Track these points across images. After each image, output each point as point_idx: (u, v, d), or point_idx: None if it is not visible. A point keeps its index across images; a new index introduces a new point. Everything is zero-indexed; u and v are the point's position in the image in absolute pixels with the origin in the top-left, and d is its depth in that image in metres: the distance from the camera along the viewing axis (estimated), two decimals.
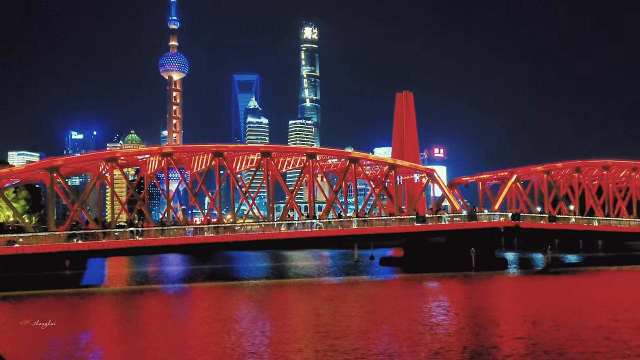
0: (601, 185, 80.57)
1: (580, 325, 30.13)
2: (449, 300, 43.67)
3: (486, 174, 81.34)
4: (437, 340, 26.53)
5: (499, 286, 52.83)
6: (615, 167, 78.75)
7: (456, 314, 35.33)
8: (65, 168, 62.54)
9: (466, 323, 31.38)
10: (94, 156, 71.25)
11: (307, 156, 66.27)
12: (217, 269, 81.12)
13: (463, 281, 55.00)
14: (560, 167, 76.63)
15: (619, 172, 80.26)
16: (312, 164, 66.02)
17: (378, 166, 74.03)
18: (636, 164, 79.83)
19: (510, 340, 26.47)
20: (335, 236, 63.98)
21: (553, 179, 76.04)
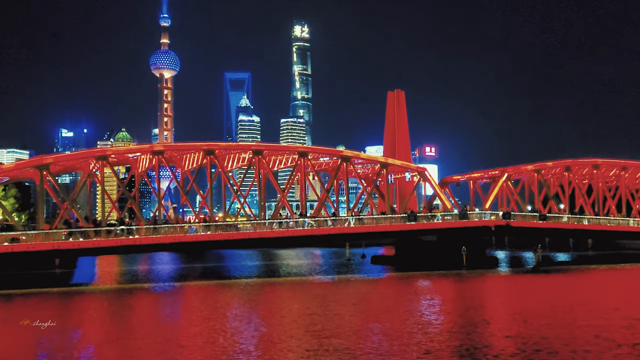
0: (591, 184, 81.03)
1: (571, 324, 30.28)
2: (440, 299, 43.79)
3: (477, 172, 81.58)
4: (429, 340, 26.58)
5: (490, 285, 53.05)
6: (605, 166, 79.23)
7: (448, 313, 35.40)
8: (55, 166, 62.10)
9: (458, 322, 31.45)
10: (84, 154, 70.81)
11: (299, 155, 66.22)
12: (209, 267, 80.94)
13: (454, 280, 55.16)
14: (550, 166, 76.99)
15: (609, 171, 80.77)
16: (304, 162, 65.97)
17: (370, 165, 74.10)
18: (626, 163, 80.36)
19: (502, 339, 26.57)
20: (326, 235, 63.97)
21: (543, 178, 76.40)
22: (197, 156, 65.73)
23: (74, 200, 66.01)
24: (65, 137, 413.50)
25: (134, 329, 32.21)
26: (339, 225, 63.24)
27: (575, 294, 44.54)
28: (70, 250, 54.91)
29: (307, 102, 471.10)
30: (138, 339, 29.06)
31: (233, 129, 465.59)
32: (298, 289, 52.21)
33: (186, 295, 50.06)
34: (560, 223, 72.23)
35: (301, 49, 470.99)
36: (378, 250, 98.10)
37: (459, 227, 65.25)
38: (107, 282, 62.50)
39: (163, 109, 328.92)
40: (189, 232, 59.03)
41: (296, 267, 76.75)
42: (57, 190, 67.21)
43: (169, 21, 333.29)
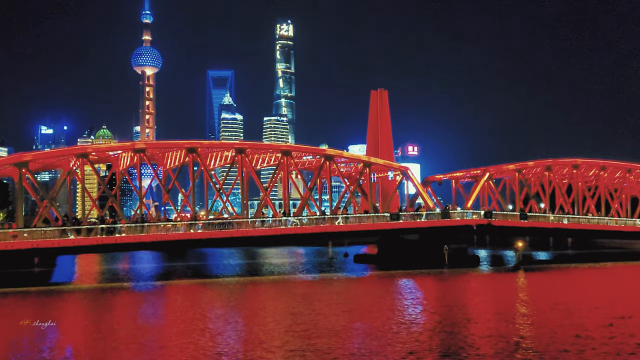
0: (571, 183, 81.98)
1: (551, 323, 30.53)
2: (423, 298, 43.97)
3: (459, 172, 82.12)
4: (414, 339, 26.56)
5: (472, 283, 53.36)
6: (584, 166, 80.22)
7: (431, 312, 35.49)
8: (34, 163, 61.29)
9: (441, 321, 31.53)
10: (64, 152, 69.90)
11: (282, 153, 66.08)
12: (191, 266, 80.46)
13: (436, 278, 55.45)
14: (531, 166, 77.78)
15: (588, 171, 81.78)
16: (287, 161, 65.84)
17: (353, 164, 74.20)
18: (605, 163, 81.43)
19: (485, 338, 26.63)
20: (309, 233, 63.91)
21: (524, 177, 77.15)
22: (180, 154, 65.26)
23: (53, 199, 65.17)
24: (44, 134, 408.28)
25: (113, 330, 31.84)
26: (328, 224, 63.19)
27: (555, 293, 44.96)
28: (50, 249, 54.20)
29: (290, 100, 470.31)
30: (117, 340, 28.73)
31: (216, 127, 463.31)
32: (281, 288, 52.10)
33: (167, 294, 49.68)
34: (540, 222, 72.97)
35: (284, 47, 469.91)
36: (361, 249, 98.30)
37: (441, 226, 65.60)
38: (87, 281, 61.83)
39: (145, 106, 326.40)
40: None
41: (279, 266, 76.61)
42: (36, 188, 66.31)
43: (151, 18, 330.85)
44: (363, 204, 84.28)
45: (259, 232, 61.16)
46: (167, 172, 71.75)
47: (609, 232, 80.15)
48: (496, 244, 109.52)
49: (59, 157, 65.19)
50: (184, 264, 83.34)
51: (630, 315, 32.16)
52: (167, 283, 58.48)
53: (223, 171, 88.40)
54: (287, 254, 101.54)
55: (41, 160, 65.41)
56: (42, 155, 77.32)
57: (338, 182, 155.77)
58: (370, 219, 65.24)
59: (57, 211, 64.98)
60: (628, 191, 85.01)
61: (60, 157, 64.71)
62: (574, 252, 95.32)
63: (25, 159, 57.69)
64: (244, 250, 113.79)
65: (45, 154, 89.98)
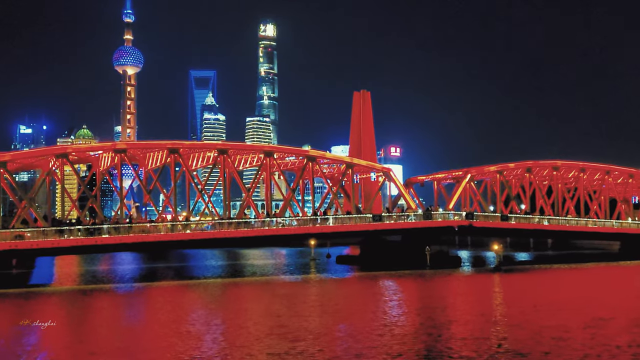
0: (551, 185, 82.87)
1: (532, 324, 30.75)
2: (405, 299, 44.09)
3: (441, 173, 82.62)
4: (398, 342, 26.41)
5: (454, 284, 53.61)
6: (564, 167, 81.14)
7: (414, 314, 35.49)
8: (13, 163, 60.39)
9: (425, 323, 31.51)
10: (43, 152, 69.04)
11: (265, 154, 65.90)
12: (172, 267, 79.86)
13: (418, 279, 55.65)
14: (512, 168, 78.51)
15: (568, 172, 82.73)
16: (270, 162, 65.67)
17: (335, 165, 74.27)
18: (584, 165, 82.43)
19: (470, 340, 26.62)
20: (292, 234, 63.82)
21: (505, 179, 77.82)
22: (161, 155, 64.77)
23: (32, 199, 64.27)
24: (23, 133, 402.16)
25: (92, 332, 31.44)
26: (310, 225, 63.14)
27: (536, 294, 45.35)
28: (28, 250, 53.43)
29: (273, 101, 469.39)
30: (96, 344, 28.34)
31: (198, 128, 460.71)
32: (263, 289, 51.90)
33: (148, 296, 49.21)
34: (521, 223, 73.67)
35: (267, 48, 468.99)
36: (343, 250, 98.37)
37: (423, 227, 65.90)
38: (67, 283, 61.05)
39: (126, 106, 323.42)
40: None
41: (261, 267, 76.36)
42: (14, 189, 65.32)
43: (132, 17, 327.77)
44: (345, 205, 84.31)
45: (241, 233, 60.89)
46: (148, 172, 71.15)
47: (588, 233, 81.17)
48: (477, 245, 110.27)
49: (38, 157, 64.34)
50: (166, 265, 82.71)
51: (610, 316, 32.50)
52: (148, 285, 57.97)
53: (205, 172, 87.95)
54: (269, 255, 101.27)
55: (20, 160, 64.50)
56: (21, 155, 76.22)
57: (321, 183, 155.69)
58: (352, 220, 65.32)
59: (36, 212, 64.11)
60: (606, 193, 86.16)
61: (39, 157, 63.86)
62: (554, 253, 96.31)
63: (4, 159, 56.82)
64: (226, 251, 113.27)
65: (24, 153, 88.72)
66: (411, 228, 66.17)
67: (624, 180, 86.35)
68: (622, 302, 38.58)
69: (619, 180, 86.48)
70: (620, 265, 70.07)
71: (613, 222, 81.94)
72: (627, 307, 36.24)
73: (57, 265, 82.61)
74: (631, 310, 34.68)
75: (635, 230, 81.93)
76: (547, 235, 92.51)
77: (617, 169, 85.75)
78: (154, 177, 68.85)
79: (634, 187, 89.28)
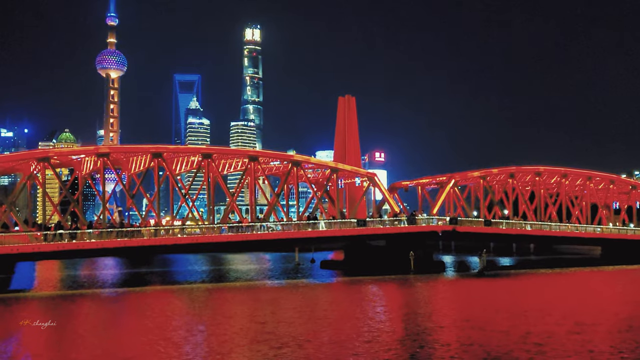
0: (534, 190, 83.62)
1: (521, 330, 30.83)
2: (390, 304, 44.08)
3: (425, 178, 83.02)
4: (385, 349, 26.19)
5: (438, 289, 53.73)
6: (546, 173, 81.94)
7: (400, 320, 35.41)
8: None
9: (411, 329, 31.38)
10: (24, 155, 68.20)
11: (249, 158, 65.69)
12: (155, 272, 79.20)
13: (402, 284, 55.72)
14: (495, 173, 79.11)
15: (550, 178, 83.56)
16: (254, 166, 65.47)
17: (320, 169, 74.27)
18: (566, 170, 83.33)
19: (456, 346, 26.55)
20: (276, 239, 63.63)
21: (489, 184, 78.38)
22: (144, 159, 64.28)
23: (12, 203, 63.39)
24: (4, 136, 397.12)
25: (72, 339, 30.97)
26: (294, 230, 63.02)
27: (518, 299, 45.59)
28: (8, 255, 52.61)
29: (258, 105, 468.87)
30: (76, 350, 27.91)
31: (182, 132, 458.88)
32: (247, 295, 51.60)
33: (130, 302, 48.69)
34: (504, 228, 74.22)
35: (252, 52, 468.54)
36: (327, 254, 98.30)
37: (407, 232, 66.08)
38: (48, 288, 60.24)
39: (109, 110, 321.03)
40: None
41: (245, 272, 76.00)
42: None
43: (116, 20, 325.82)
44: (330, 210, 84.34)
45: (225, 238, 60.56)
46: (131, 176, 70.57)
47: (570, 239, 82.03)
48: (461, 249, 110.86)
49: (19, 161, 63.53)
50: (149, 270, 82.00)
51: (594, 322, 32.72)
52: (130, 290, 57.37)
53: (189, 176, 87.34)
54: (253, 260, 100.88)
55: (0, 163, 63.58)
56: (2, 158, 75.12)
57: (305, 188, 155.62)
58: (337, 225, 65.31)
59: (16, 216, 63.25)
60: (588, 198, 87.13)
61: (20, 161, 63.05)
62: (537, 257, 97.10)
63: None
64: (210, 256, 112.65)
65: (5, 157, 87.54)
66: (395, 233, 66.32)
67: (605, 186, 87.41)
68: (606, 307, 38.90)
69: (600, 186, 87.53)
70: (601, 270, 70.78)
71: (594, 228, 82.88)
72: (610, 312, 36.53)
73: (38, 270, 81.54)
74: (615, 315, 34.95)
75: (616, 235, 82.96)
76: (530, 240, 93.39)
77: (598, 174, 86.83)
78: (137, 181, 68.31)
79: (614, 193, 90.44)
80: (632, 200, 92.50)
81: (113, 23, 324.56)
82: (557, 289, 53.22)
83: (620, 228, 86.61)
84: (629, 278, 62.91)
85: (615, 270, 70.39)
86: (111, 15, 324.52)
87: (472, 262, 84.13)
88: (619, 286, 55.23)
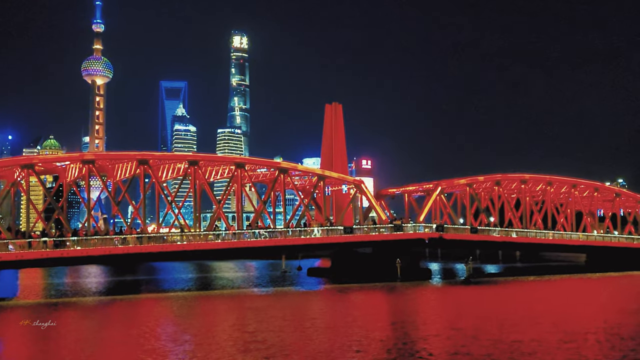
0: (519, 198, 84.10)
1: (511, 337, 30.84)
2: (379, 312, 43.96)
3: (412, 185, 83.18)
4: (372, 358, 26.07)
5: (425, 297, 53.75)
6: (532, 181, 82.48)
7: (389, 329, 35.21)
8: None
9: (400, 337, 31.24)
10: (8, 162, 67.38)
11: (236, 166, 65.46)
12: (140, 280, 78.51)
13: (389, 292, 55.69)
14: (481, 181, 79.47)
15: (536, 185, 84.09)
16: (241, 173, 65.24)
17: (307, 177, 74.17)
18: (551, 178, 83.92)
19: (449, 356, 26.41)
20: (263, 247, 63.37)
21: (475, 192, 78.70)
22: (130, 166, 63.80)
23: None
24: None
25: (55, 350, 30.51)
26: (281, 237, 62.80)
27: (506, 307, 45.66)
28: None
29: (244, 112, 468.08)
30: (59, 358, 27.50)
31: (168, 139, 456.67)
32: (233, 303, 51.28)
33: (114, 310, 48.16)
34: (490, 236, 74.51)
35: (239, 59, 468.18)
36: (314, 262, 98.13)
37: (393, 239, 66.12)
38: (31, 296, 59.47)
39: (94, 116, 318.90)
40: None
41: (232, 280, 75.60)
42: None
43: (102, 26, 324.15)
44: (317, 217, 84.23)
45: (211, 246, 60.15)
46: (117, 184, 69.99)
47: (555, 246, 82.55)
48: (448, 257, 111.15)
49: (2, 168, 62.71)
50: (134, 278, 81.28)
51: (582, 330, 32.81)
52: (114, 298, 56.79)
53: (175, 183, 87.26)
54: (239, 268, 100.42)
55: None
56: None
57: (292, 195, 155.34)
58: (324, 232, 65.20)
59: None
60: (573, 206, 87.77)
61: (4, 168, 62.26)
62: (523, 265, 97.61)
63: None
64: (196, 264, 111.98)
65: None
66: (382, 240, 66.34)
67: (589, 193, 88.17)
68: (596, 315, 39.02)
69: (585, 194, 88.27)
70: (587, 278, 71.27)
71: (579, 235, 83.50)
72: (600, 320, 36.60)
73: (22, 278, 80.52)
74: (604, 323, 35.02)
75: (601, 242, 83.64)
76: (516, 248, 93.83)
77: (582, 182, 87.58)
78: (123, 188, 67.74)
79: (599, 201, 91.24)
80: (616, 208, 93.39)
81: (99, 29, 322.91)
82: (544, 297, 53.39)
83: (605, 235, 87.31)
84: (615, 286, 63.42)
85: (600, 278, 70.92)
86: (97, 22, 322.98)
87: (459, 270, 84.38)
88: (605, 294, 55.59)
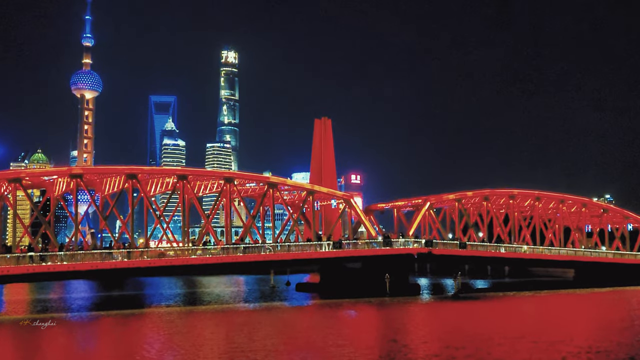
0: (508, 213, 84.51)
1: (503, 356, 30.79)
2: (369, 328, 43.79)
3: (401, 200, 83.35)
4: None
5: (413, 313, 53.60)
6: (520, 196, 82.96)
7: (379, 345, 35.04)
8: None
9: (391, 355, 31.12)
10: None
11: (225, 180, 65.34)
12: (128, 295, 77.73)
13: (378, 307, 55.51)
14: (470, 196, 79.81)
15: (524, 201, 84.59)
16: (230, 188, 65.11)
17: (296, 191, 74.14)
18: (539, 193, 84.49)
19: None
20: (252, 262, 63.09)
21: (464, 207, 79.01)
22: (119, 180, 63.50)
23: None
24: None
25: None
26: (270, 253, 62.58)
27: (496, 324, 45.63)
28: None
29: (234, 127, 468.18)
30: None
31: (157, 153, 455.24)
32: (221, 318, 50.90)
33: (101, 326, 47.63)
34: (479, 251, 74.69)
35: (229, 74, 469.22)
36: (303, 277, 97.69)
37: (383, 254, 66.08)
38: (16, 311, 58.69)
39: (83, 130, 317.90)
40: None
41: (220, 295, 75.07)
42: None
43: (92, 41, 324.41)
44: (306, 232, 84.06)
45: (199, 261, 59.81)
46: (105, 198, 69.58)
47: (544, 261, 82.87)
48: (437, 272, 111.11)
49: None
50: (121, 293, 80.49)
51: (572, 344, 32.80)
52: (101, 314, 56.18)
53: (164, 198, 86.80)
54: (228, 283, 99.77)
55: None
56: None
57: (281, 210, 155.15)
58: (313, 247, 65.07)
59: None
60: (561, 221, 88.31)
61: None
62: (511, 280, 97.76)
63: None
64: (184, 279, 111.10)
65: None
66: (371, 255, 66.28)
67: (577, 209, 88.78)
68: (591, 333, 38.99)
69: (573, 209, 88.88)
70: (575, 293, 71.47)
71: (567, 250, 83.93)
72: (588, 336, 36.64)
73: (6, 294, 79.51)
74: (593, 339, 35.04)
75: (589, 258, 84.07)
76: (504, 263, 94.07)
77: (570, 197, 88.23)
78: (111, 202, 67.35)
79: (586, 216, 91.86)
80: (603, 223, 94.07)
81: (88, 44, 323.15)
82: (532, 312, 53.45)
83: (593, 251, 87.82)
84: (604, 301, 63.62)
85: (588, 293, 71.15)
86: (87, 36, 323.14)
87: (448, 285, 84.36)
88: (593, 310, 55.70)
